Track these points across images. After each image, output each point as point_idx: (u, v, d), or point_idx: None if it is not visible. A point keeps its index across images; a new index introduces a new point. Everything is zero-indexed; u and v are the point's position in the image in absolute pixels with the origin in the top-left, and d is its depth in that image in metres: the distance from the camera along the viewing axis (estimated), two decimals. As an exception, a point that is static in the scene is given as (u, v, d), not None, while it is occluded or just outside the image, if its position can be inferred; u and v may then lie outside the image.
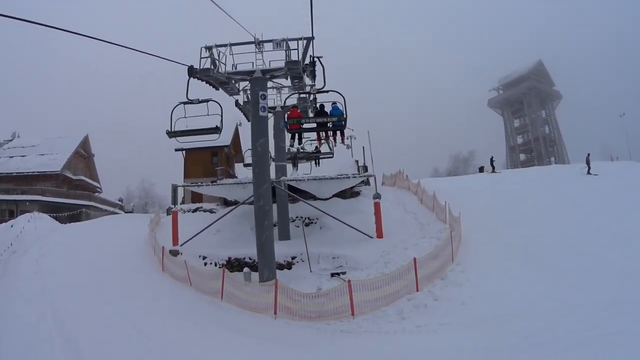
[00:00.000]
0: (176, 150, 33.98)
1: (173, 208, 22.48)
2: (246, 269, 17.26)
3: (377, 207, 19.72)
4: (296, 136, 18.96)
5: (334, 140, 18.85)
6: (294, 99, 21.66)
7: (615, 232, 16.43)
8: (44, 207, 36.56)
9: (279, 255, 17.28)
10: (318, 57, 17.36)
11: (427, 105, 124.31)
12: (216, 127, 16.55)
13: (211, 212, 26.67)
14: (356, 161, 28.67)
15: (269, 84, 19.47)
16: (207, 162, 35.14)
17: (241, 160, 34.42)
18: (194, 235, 20.58)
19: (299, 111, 19.78)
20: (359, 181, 24.13)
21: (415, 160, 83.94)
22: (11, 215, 35.57)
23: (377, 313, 12.53)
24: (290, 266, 18.29)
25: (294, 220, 22.73)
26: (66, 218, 32.44)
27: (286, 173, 23.53)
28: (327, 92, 16.66)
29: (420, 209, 22.79)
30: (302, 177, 24.08)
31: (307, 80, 19.60)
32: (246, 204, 21.50)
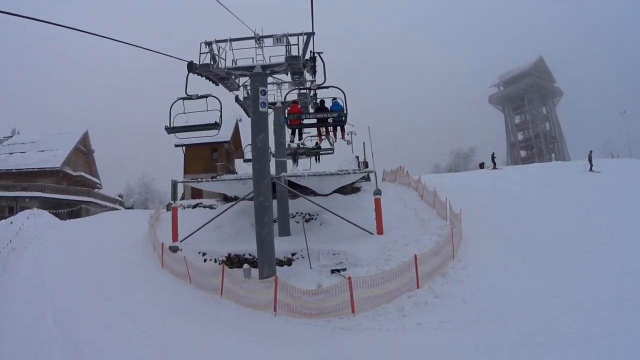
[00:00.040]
0: (176, 146, 34.00)
1: (173, 204, 22.40)
2: (246, 265, 17.16)
3: (378, 203, 19.65)
4: (296, 132, 18.89)
5: (334, 136, 18.74)
6: (294, 95, 21.56)
7: (616, 230, 16.29)
8: (43, 203, 36.43)
9: (279, 252, 17.19)
10: (318, 53, 17.20)
11: (428, 101, 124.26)
12: (215, 123, 16.39)
13: (211, 208, 26.64)
14: (356, 157, 28.56)
15: (269, 79, 19.35)
16: (207, 158, 35.17)
17: (241, 156, 34.37)
18: (194, 231, 20.55)
19: (300, 107, 19.69)
20: (359, 177, 24.06)
21: (416, 156, 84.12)
22: (11, 212, 35.49)
23: (377, 310, 12.45)
24: (290, 262, 18.20)
25: (294, 216, 22.67)
26: (66, 214, 32.42)
27: (286, 169, 23.46)
28: (328, 88, 16.49)
29: (421, 205, 22.73)
30: (302, 173, 23.98)
31: (307, 76, 19.43)
32: (246, 199, 21.42)
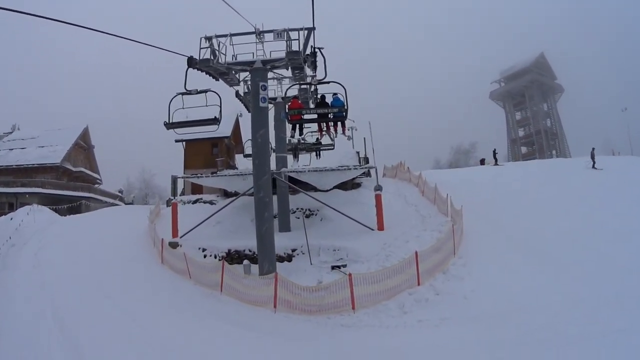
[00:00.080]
0: (176, 141, 33.88)
1: (173, 200, 22.34)
2: (246, 261, 17.13)
3: (379, 199, 19.54)
4: (297, 127, 18.82)
5: (334, 132, 18.67)
6: (294, 90, 21.50)
7: (618, 228, 16.21)
8: (43, 199, 36.45)
9: (279, 248, 17.12)
10: (319, 48, 17.12)
11: (429, 97, 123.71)
12: (215, 118, 16.27)
13: (211, 203, 26.57)
14: (357, 152, 28.51)
15: (270, 74, 19.29)
16: (207, 153, 35.09)
17: (242, 151, 34.31)
18: (194, 227, 20.47)
19: (300, 102, 19.61)
20: (360, 173, 23.95)
21: (416, 152, 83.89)
22: (11, 208, 35.49)
23: (378, 307, 12.37)
24: (291, 258, 18.12)
25: (294, 212, 22.60)
26: (66, 210, 32.36)
27: (287, 164, 23.37)
28: (328, 83, 16.45)
29: (422, 201, 22.61)
30: (302, 169, 23.91)
31: (308, 71, 19.38)
32: (246, 195, 21.35)
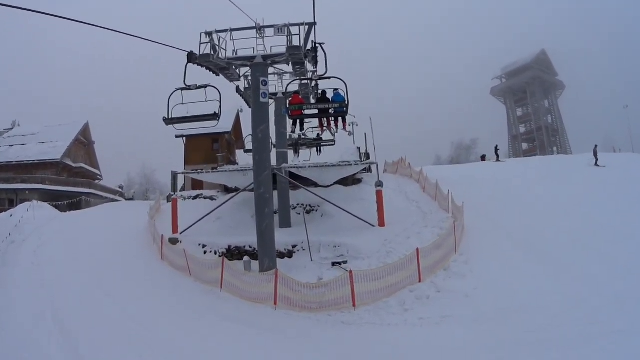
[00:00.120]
0: (177, 137, 33.82)
1: (173, 195, 22.25)
2: (246, 257, 17.02)
3: (380, 195, 19.42)
4: (298, 122, 18.73)
5: (335, 127, 18.56)
6: (295, 86, 21.35)
7: (620, 227, 16.01)
8: (44, 195, 36.34)
9: (279, 244, 17.04)
10: (320, 44, 17.01)
11: (430, 92, 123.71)
12: (214, 114, 16.07)
13: (212, 199, 26.49)
14: (358, 148, 28.38)
15: (270, 70, 19.11)
16: (207, 149, 35.01)
17: (242, 147, 34.23)
18: (194, 223, 20.39)
19: (301, 97, 19.49)
20: (360, 168, 23.87)
21: (417, 148, 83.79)
22: (11, 205, 35.38)
23: (378, 304, 12.31)
24: (291, 255, 18.01)
25: (294, 208, 22.49)
26: (66, 206, 32.31)
27: (287, 160, 23.27)
28: (329, 79, 16.33)
29: (423, 197, 22.53)
30: (303, 164, 23.79)
31: (308, 67, 19.25)
32: (247, 191, 21.25)
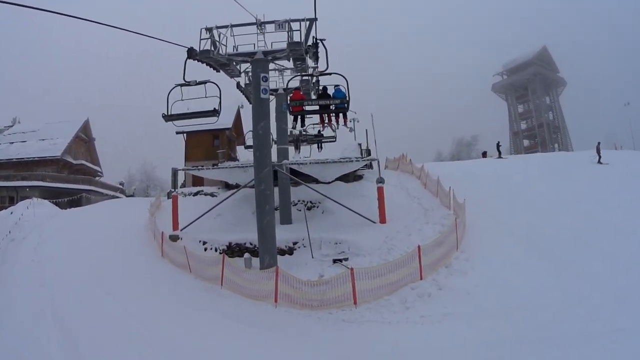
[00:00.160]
0: (177, 133, 33.76)
1: (173, 192, 22.17)
2: (247, 254, 16.95)
3: (381, 192, 19.30)
4: (299, 118, 18.65)
5: (336, 123, 18.50)
6: (296, 82, 21.28)
7: (622, 223, 15.91)
8: (44, 192, 36.37)
9: (280, 241, 16.96)
10: (321, 40, 16.93)
11: (431, 88, 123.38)
12: (214, 110, 15.96)
13: (212, 195, 26.42)
14: (359, 144, 28.29)
15: (271, 65, 19.07)
16: (208, 145, 35.01)
17: (243, 143, 34.13)
18: (194, 219, 20.31)
19: (302, 93, 19.43)
20: (362, 165, 23.73)
21: (418, 144, 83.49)
22: (11, 202, 35.45)
23: (380, 302, 12.21)
24: (292, 252, 17.91)
25: (295, 204, 22.39)
26: (66, 203, 32.26)
27: (288, 156, 23.17)
28: (330, 75, 16.27)
29: (424, 194, 22.43)
30: (304, 161, 23.68)
31: (309, 62, 19.17)
32: (247, 187, 21.16)
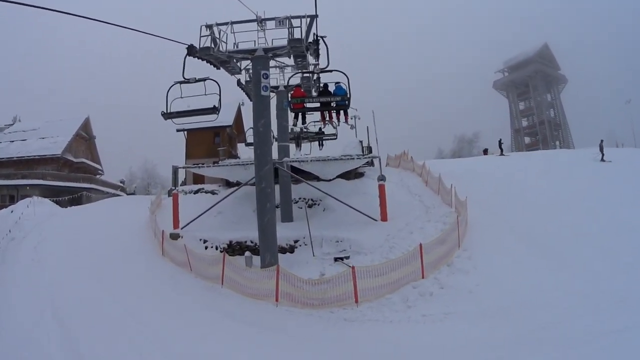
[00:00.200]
0: (178, 131, 33.69)
1: (174, 190, 22.10)
2: (247, 253, 16.89)
3: (382, 189, 19.19)
4: (300, 116, 18.60)
5: (337, 120, 18.41)
6: (297, 79, 21.18)
7: (624, 220, 15.76)
8: (45, 191, 36.28)
9: (281, 239, 16.88)
10: (321, 37, 16.86)
11: (432, 86, 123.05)
12: (214, 107, 15.82)
13: (213, 193, 26.41)
14: (360, 141, 28.19)
15: (272, 63, 18.98)
16: (209, 143, 34.90)
17: (243, 141, 34.06)
18: (195, 218, 20.26)
19: (303, 91, 19.33)
20: (363, 162, 23.64)
21: (419, 141, 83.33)
22: (12, 201, 35.36)
23: (381, 301, 12.14)
24: (293, 250, 17.86)
25: (296, 202, 22.35)
26: (67, 202, 32.17)
27: (289, 153, 23.09)
28: (331, 72, 16.19)
29: (426, 191, 22.32)
30: (305, 158, 23.59)
31: (310, 60, 19.07)
32: (248, 185, 21.08)
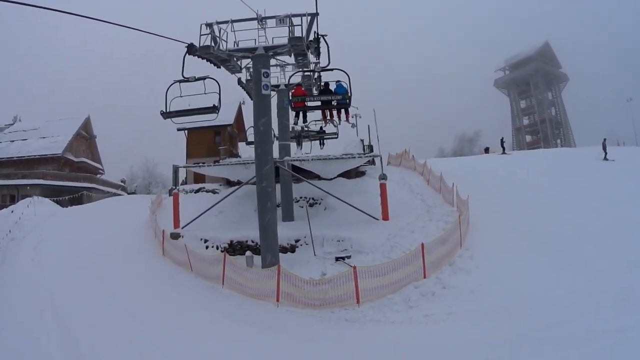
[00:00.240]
0: (178, 130, 33.65)
1: (174, 189, 22.03)
2: (248, 252, 16.80)
3: (383, 188, 19.09)
4: (300, 114, 18.51)
5: (338, 119, 18.33)
6: (297, 77, 21.09)
7: (627, 219, 15.70)
8: (45, 190, 36.22)
9: (282, 238, 16.78)
10: (322, 35, 16.78)
11: (432, 84, 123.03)
12: (214, 106, 15.65)
13: (214, 192, 26.38)
14: (361, 140, 28.13)
15: (273, 61, 18.85)
16: (209, 142, 34.93)
17: (244, 139, 33.99)
18: (195, 217, 20.20)
19: (304, 89, 19.24)
20: (364, 161, 23.56)
21: (420, 140, 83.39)
22: (12, 200, 35.33)
23: (383, 301, 12.05)
24: (294, 249, 17.74)
25: (297, 201, 22.25)
26: (68, 201, 32.11)
27: (290, 152, 23.01)
28: (332, 70, 16.14)
29: (427, 190, 22.26)
30: (306, 157, 23.51)
31: (311, 58, 18.98)
32: (249, 184, 20.99)
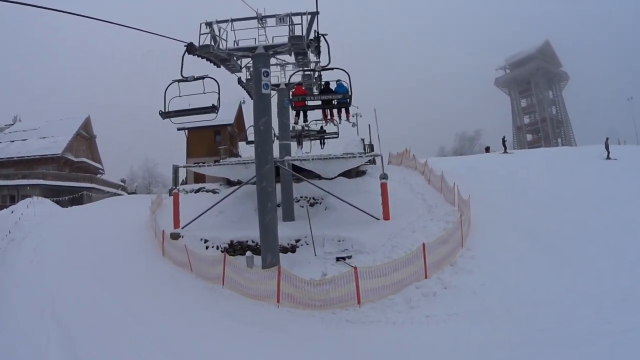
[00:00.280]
0: (178, 129, 33.58)
1: (174, 189, 21.96)
2: (248, 252, 16.71)
3: (384, 188, 19.02)
4: (301, 114, 18.44)
5: (339, 118, 18.26)
6: (298, 77, 21.03)
7: (629, 218, 15.60)
8: (45, 190, 36.20)
9: (282, 238, 16.69)
10: (323, 35, 16.70)
11: (431, 88, 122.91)
12: (213, 106, 15.49)
13: (214, 192, 26.33)
14: (362, 139, 28.07)
15: (273, 60, 18.80)
16: (210, 141, 34.90)
17: (245, 139, 33.94)
18: (195, 217, 20.14)
19: (304, 88, 19.16)
20: (365, 160, 23.50)
21: (421, 139, 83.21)
22: (12, 201, 35.33)
23: (384, 302, 11.98)
24: (295, 249, 17.65)
25: (298, 200, 22.18)
26: (68, 201, 32.07)
27: (290, 152, 22.93)
28: (332, 70, 16.06)
29: (428, 189, 22.19)
30: (306, 157, 23.45)
31: (311, 57, 18.91)
32: (249, 184, 20.92)
